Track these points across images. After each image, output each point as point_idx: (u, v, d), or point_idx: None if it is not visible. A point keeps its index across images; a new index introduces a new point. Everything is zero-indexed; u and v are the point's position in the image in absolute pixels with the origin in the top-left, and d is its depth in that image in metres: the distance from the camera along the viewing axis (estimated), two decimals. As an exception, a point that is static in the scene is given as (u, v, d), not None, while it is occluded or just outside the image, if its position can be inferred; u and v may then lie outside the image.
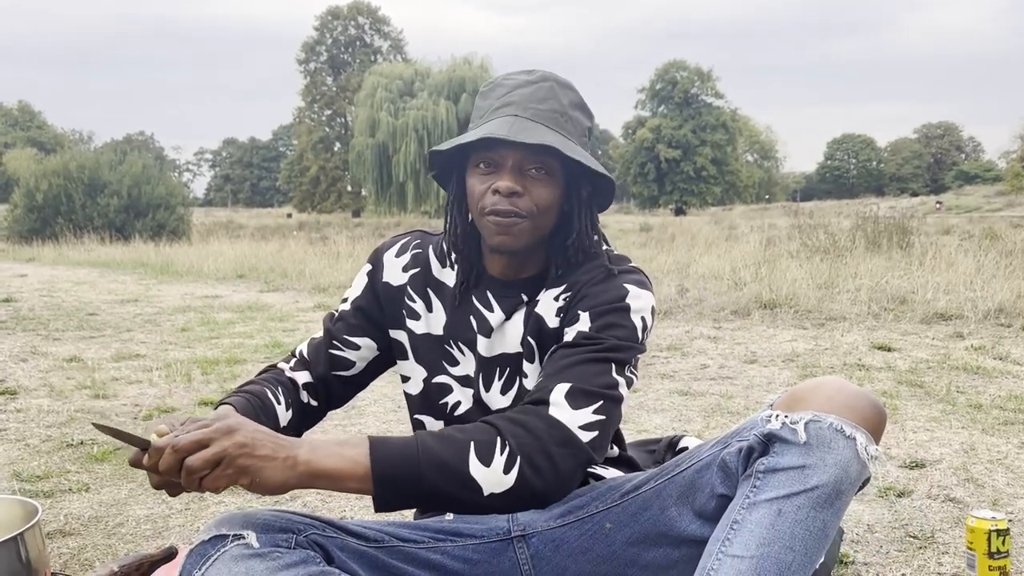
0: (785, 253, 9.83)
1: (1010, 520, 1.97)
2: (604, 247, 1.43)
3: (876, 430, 1.17)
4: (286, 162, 66.85)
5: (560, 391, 1.22)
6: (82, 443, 3.09)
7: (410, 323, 1.45)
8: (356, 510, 2.40)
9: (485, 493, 1.17)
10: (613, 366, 1.27)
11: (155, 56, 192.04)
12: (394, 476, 1.13)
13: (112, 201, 19.80)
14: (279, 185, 74.37)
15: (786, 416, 1.15)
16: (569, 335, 1.31)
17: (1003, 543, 1.83)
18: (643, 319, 1.33)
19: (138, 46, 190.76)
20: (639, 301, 1.33)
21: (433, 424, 1.46)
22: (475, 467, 1.15)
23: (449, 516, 1.38)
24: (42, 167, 21.41)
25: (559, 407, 1.21)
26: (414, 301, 1.44)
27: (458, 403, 1.43)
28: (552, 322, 1.36)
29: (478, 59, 40.84)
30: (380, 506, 1.16)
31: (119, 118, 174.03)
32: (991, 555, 1.83)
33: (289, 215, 48.28)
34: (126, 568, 1.46)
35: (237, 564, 1.12)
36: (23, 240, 19.34)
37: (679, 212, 49.72)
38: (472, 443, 1.16)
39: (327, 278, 9.77)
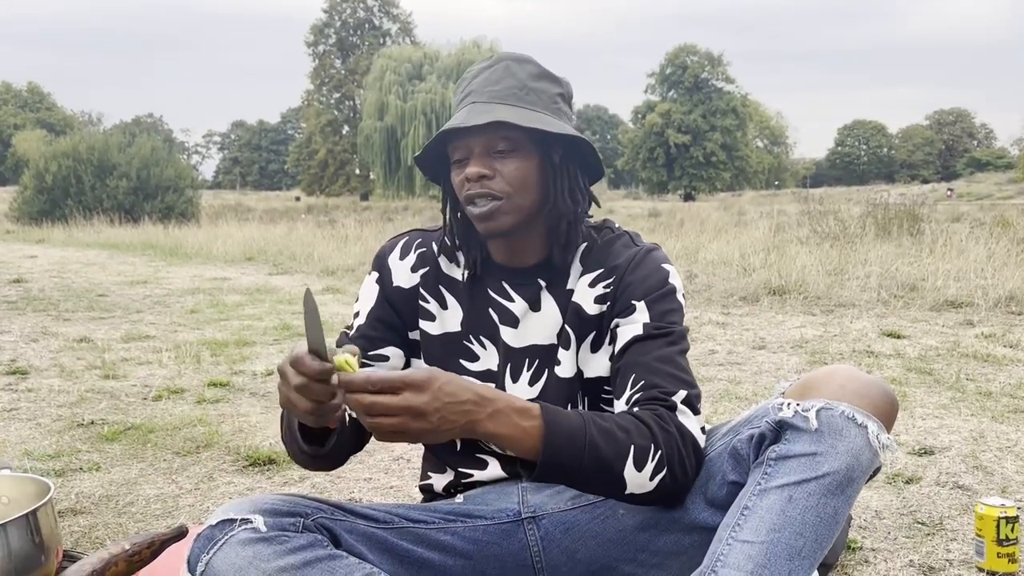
0: (794, 239, 9.79)
1: (1019, 508, 1.97)
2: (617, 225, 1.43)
3: (888, 419, 1.17)
4: (294, 145, 66.78)
5: (679, 397, 1.23)
6: (92, 423, 3.11)
7: (424, 324, 1.42)
8: (364, 491, 2.41)
9: (626, 492, 1.19)
10: (687, 358, 1.30)
11: (164, 38, 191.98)
12: (559, 462, 1.14)
13: (121, 183, 19.84)
14: (287, 168, 74.36)
15: (798, 404, 1.16)
16: (633, 327, 1.30)
17: (1012, 530, 1.83)
18: (683, 296, 1.36)
19: (146, 27, 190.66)
20: (676, 279, 1.35)
21: None
22: (629, 470, 1.17)
23: (459, 499, 1.38)
24: (51, 149, 21.47)
25: (685, 415, 1.22)
26: (427, 301, 1.41)
27: None
28: (591, 308, 1.35)
29: (487, 42, 40.63)
30: (534, 479, 1.17)
31: (128, 100, 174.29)
32: (1000, 542, 1.83)
33: (297, 198, 48.30)
34: (137, 547, 1.47)
35: (244, 548, 1.12)
36: (33, 221, 19.41)
37: (688, 198, 49.53)
38: (632, 447, 1.17)
39: (335, 261, 9.78)
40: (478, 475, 1.38)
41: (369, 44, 52.12)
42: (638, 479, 1.17)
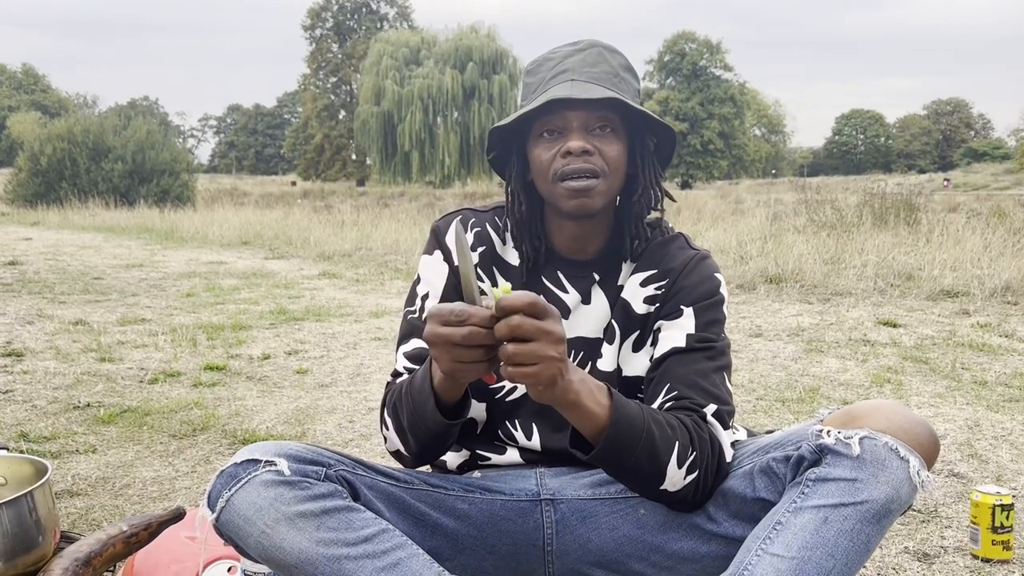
0: (791, 228, 9.78)
1: (1014, 496, 1.98)
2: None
3: (930, 458, 1.17)
4: (291, 130, 66.48)
5: (710, 410, 1.25)
6: (88, 405, 3.11)
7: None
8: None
9: (660, 487, 1.21)
10: (725, 375, 1.30)
11: (160, 20, 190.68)
12: (619, 444, 1.16)
13: (117, 166, 19.75)
14: (283, 153, 74.05)
15: (839, 432, 1.17)
16: (676, 333, 1.30)
17: (1007, 518, 1.84)
18: (727, 307, 1.36)
19: (143, 10, 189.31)
20: (725, 290, 1.36)
21: (475, 406, 1.38)
22: (671, 464, 1.19)
23: (476, 473, 1.39)
24: (47, 131, 21.34)
25: (716, 429, 1.24)
26: (482, 281, 1.39)
27: (514, 387, 1.38)
28: (639, 308, 1.35)
29: (485, 28, 40.47)
30: (591, 458, 1.18)
31: (123, 83, 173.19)
32: (995, 529, 1.84)
33: (293, 183, 48.12)
34: (135, 528, 1.47)
35: (267, 489, 1.13)
36: (28, 204, 19.32)
37: (685, 186, 49.48)
38: (677, 443, 1.19)
39: (331, 246, 9.76)
40: (496, 459, 1.38)
41: (366, 28, 51.86)
42: (675, 475, 1.20)
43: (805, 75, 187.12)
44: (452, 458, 1.42)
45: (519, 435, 1.37)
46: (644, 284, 1.36)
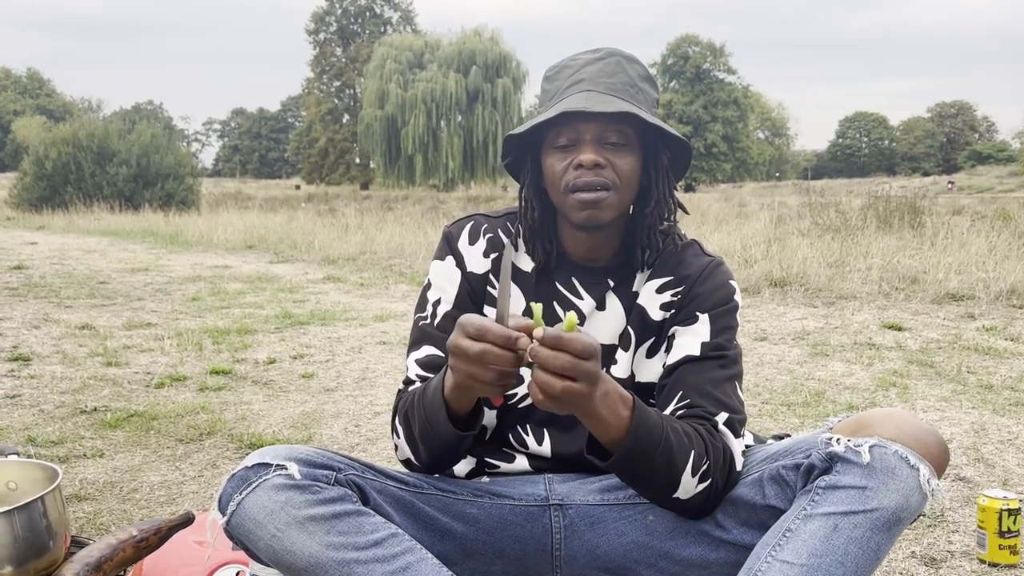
0: (795, 231, 9.77)
1: (1021, 500, 1.98)
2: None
3: (939, 467, 1.18)
4: (295, 133, 66.63)
5: (722, 419, 1.26)
6: (95, 410, 3.12)
7: (488, 310, 1.38)
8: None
9: (672, 496, 1.22)
10: (737, 384, 1.31)
11: (163, 24, 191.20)
12: (638, 453, 1.17)
13: (121, 170, 19.82)
14: (287, 156, 74.19)
15: (849, 440, 1.17)
16: (691, 340, 1.31)
17: (1014, 522, 1.84)
18: (740, 314, 1.37)
19: (146, 13, 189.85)
20: (739, 297, 1.37)
21: (486, 414, 1.35)
22: (686, 474, 1.20)
23: (485, 479, 1.39)
24: (51, 135, 21.47)
25: (727, 438, 1.26)
26: (494, 287, 1.39)
27: (527, 394, 1.37)
28: (656, 314, 1.36)
29: (488, 31, 40.49)
30: (608, 466, 1.19)
31: (128, 87, 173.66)
32: (1001, 534, 1.84)
33: (297, 187, 48.22)
34: (144, 532, 1.48)
35: (277, 493, 1.14)
36: (33, 208, 19.40)
37: (689, 189, 49.42)
38: (692, 452, 1.20)
39: (336, 250, 9.78)
40: (504, 467, 1.39)
41: (370, 32, 51.94)
42: (688, 484, 1.21)
43: (808, 77, 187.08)
44: (460, 466, 1.42)
45: (530, 440, 1.38)
46: (660, 291, 1.36)
